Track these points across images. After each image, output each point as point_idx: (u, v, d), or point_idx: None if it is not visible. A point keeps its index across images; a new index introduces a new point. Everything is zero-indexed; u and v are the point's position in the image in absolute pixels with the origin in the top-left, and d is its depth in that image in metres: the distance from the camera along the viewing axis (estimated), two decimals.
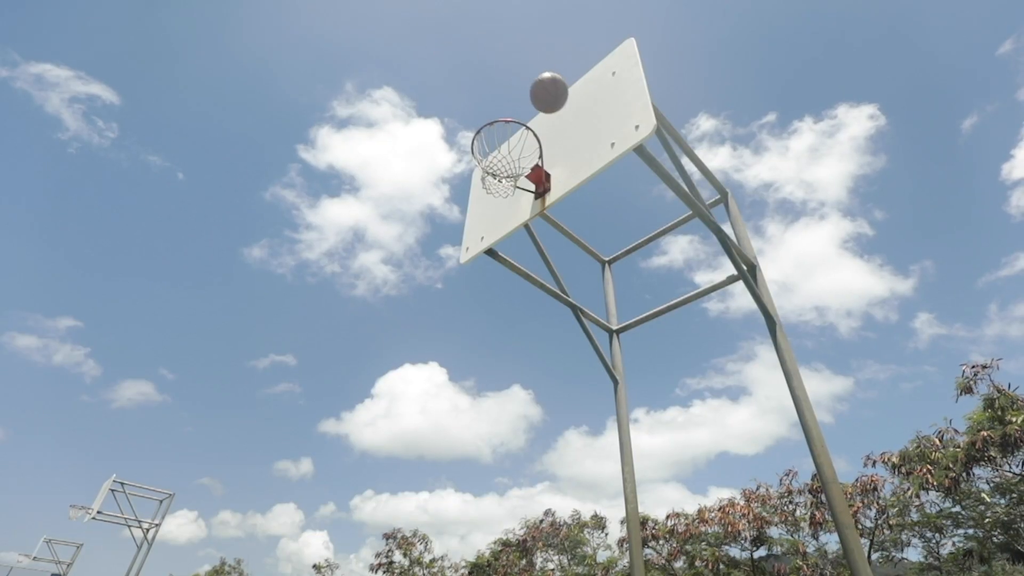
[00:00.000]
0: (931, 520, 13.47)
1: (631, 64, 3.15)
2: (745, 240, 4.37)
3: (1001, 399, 10.82)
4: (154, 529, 19.02)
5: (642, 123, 2.81)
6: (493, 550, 22.31)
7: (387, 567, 23.59)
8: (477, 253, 3.78)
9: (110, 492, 18.04)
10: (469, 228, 4.07)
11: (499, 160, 3.38)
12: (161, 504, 19.55)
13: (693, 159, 4.25)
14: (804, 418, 3.28)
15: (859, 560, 2.78)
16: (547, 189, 3.31)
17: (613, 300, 5.41)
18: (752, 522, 15.32)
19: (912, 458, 12.52)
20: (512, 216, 3.59)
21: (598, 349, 4.65)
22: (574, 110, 3.47)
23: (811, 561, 14.55)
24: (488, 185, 3.52)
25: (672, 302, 4.73)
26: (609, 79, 3.28)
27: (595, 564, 19.76)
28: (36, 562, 20.62)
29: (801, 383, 3.41)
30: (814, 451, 3.17)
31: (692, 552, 16.38)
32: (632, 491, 4.21)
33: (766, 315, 3.74)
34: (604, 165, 2.96)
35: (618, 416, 4.59)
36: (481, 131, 3.32)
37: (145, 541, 18.74)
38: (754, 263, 4.05)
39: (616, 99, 3.12)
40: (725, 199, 4.78)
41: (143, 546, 18.68)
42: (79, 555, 21.45)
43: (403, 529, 24.60)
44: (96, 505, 17.72)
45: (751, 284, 3.71)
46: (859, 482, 13.84)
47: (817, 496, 14.38)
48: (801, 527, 15.11)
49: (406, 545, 23.87)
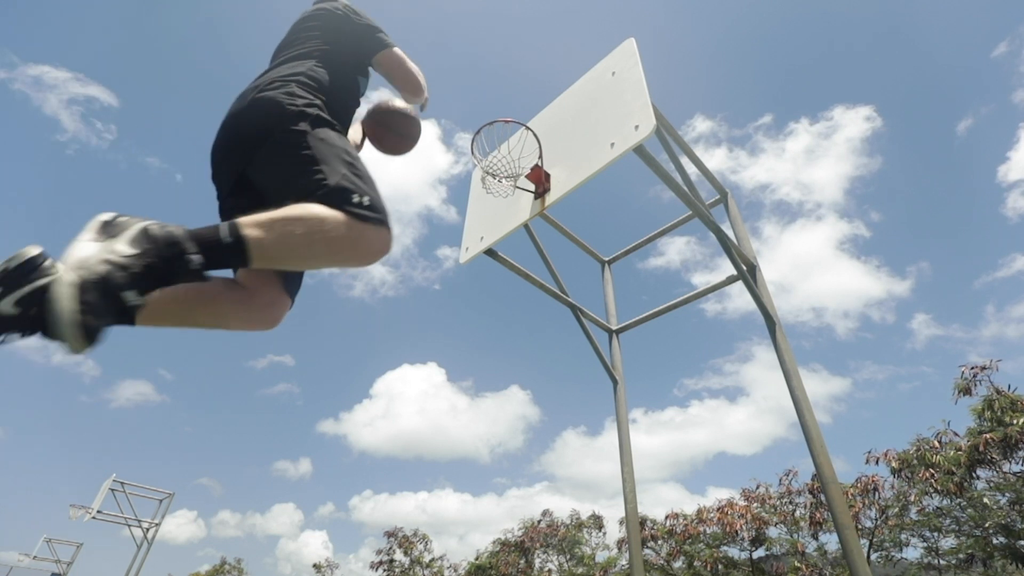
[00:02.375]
0: (931, 520, 13.46)
1: (631, 64, 3.15)
2: (745, 240, 4.37)
3: (1000, 400, 10.80)
4: (154, 529, 19.02)
5: (642, 123, 2.81)
6: (492, 551, 22.30)
7: (388, 565, 23.60)
8: (477, 253, 3.78)
9: (110, 492, 18.04)
10: (469, 228, 4.08)
11: (499, 160, 3.38)
12: (161, 504, 19.55)
13: (693, 159, 4.25)
14: (804, 418, 3.29)
15: (858, 560, 2.78)
16: (547, 189, 3.31)
17: (613, 300, 5.41)
18: (751, 522, 15.31)
19: (911, 461, 12.49)
20: (512, 216, 3.59)
21: (598, 349, 4.65)
22: (574, 110, 3.47)
23: (810, 561, 14.55)
24: (488, 185, 3.52)
25: (672, 302, 4.73)
26: (609, 79, 3.27)
27: (594, 564, 19.75)
28: (36, 561, 20.61)
29: (801, 383, 3.42)
30: (813, 451, 3.17)
31: (691, 552, 16.38)
32: (632, 491, 4.21)
33: (766, 315, 3.74)
34: (604, 165, 2.96)
35: (617, 416, 4.60)
36: (481, 131, 3.32)
37: (145, 541, 18.74)
38: (754, 263, 4.05)
39: (616, 99, 3.12)
40: (725, 199, 4.78)
41: (143, 546, 18.68)
42: (79, 554, 21.45)
43: (404, 528, 24.63)
44: (96, 505, 17.72)
45: (751, 284, 3.71)
46: (859, 482, 13.83)
47: (816, 496, 14.38)
48: (800, 527, 15.11)
49: (407, 544, 23.87)
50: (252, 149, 1.40)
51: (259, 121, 1.42)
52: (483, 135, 3.34)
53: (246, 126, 1.43)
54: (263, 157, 1.39)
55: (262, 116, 1.42)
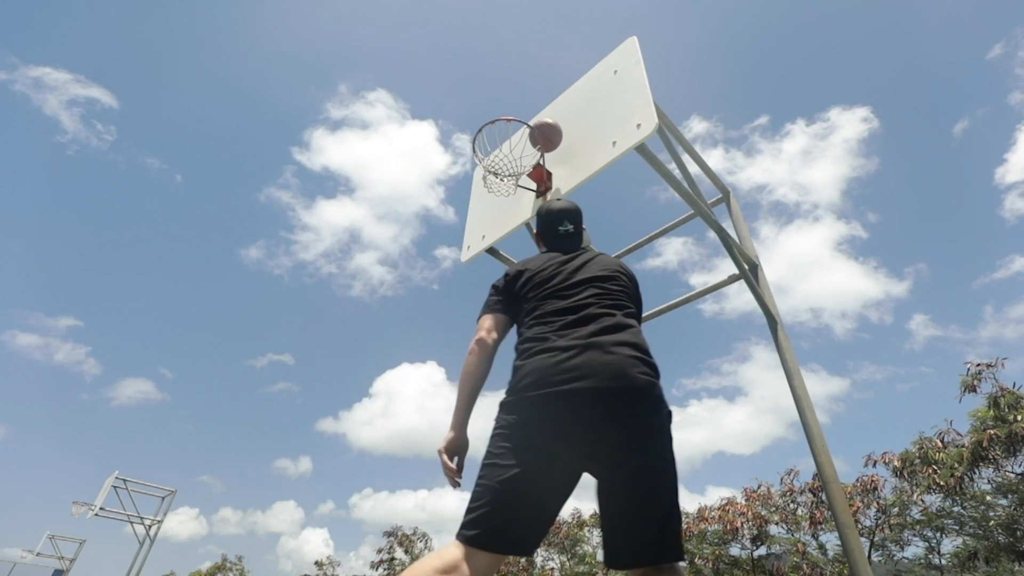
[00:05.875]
0: (932, 520, 13.43)
1: (633, 62, 3.14)
2: (747, 239, 4.36)
3: (1006, 397, 10.75)
4: (156, 526, 19.08)
5: (644, 122, 2.80)
6: None
7: (388, 564, 23.65)
8: (478, 252, 3.78)
9: (112, 489, 18.10)
10: (470, 227, 4.07)
11: (500, 159, 3.38)
12: (163, 501, 19.61)
13: (694, 157, 4.24)
14: (805, 417, 3.28)
15: (859, 559, 2.78)
16: (548, 188, 3.31)
17: None
18: (751, 520, 15.32)
19: (914, 460, 12.46)
20: (513, 215, 3.59)
21: None
22: (575, 108, 3.47)
23: (811, 559, 14.54)
24: (489, 184, 3.52)
25: (671, 302, 4.72)
26: (611, 77, 3.27)
27: (595, 563, 19.77)
28: (39, 558, 20.69)
29: (802, 382, 3.41)
30: (815, 450, 3.16)
31: (694, 551, 16.38)
32: None
33: (767, 314, 3.73)
34: (605, 164, 2.95)
35: None
36: (483, 129, 3.32)
37: (147, 538, 18.80)
38: (756, 262, 4.04)
39: (617, 98, 3.11)
40: (727, 198, 4.76)
41: (145, 543, 18.74)
42: (82, 551, 21.53)
43: (403, 527, 24.66)
44: (99, 502, 17.78)
45: (752, 284, 3.70)
46: (859, 482, 13.81)
47: (817, 495, 14.36)
48: (801, 526, 15.11)
49: (407, 543, 23.91)
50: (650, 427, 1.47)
51: (660, 404, 1.49)
52: (484, 134, 3.34)
53: (654, 400, 1.48)
54: (649, 440, 1.44)
55: (661, 401, 1.50)
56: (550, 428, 1.39)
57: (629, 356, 1.48)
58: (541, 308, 1.68)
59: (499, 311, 1.79)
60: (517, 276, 1.83)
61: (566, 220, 2.09)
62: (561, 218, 2.09)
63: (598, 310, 1.63)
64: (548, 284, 1.75)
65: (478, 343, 1.71)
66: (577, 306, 1.64)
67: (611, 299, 1.70)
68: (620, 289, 1.77)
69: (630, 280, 1.86)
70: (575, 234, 2.09)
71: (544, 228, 2.15)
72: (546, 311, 1.66)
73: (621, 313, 1.66)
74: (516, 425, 1.42)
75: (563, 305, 1.66)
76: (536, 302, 1.72)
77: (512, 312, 1.80)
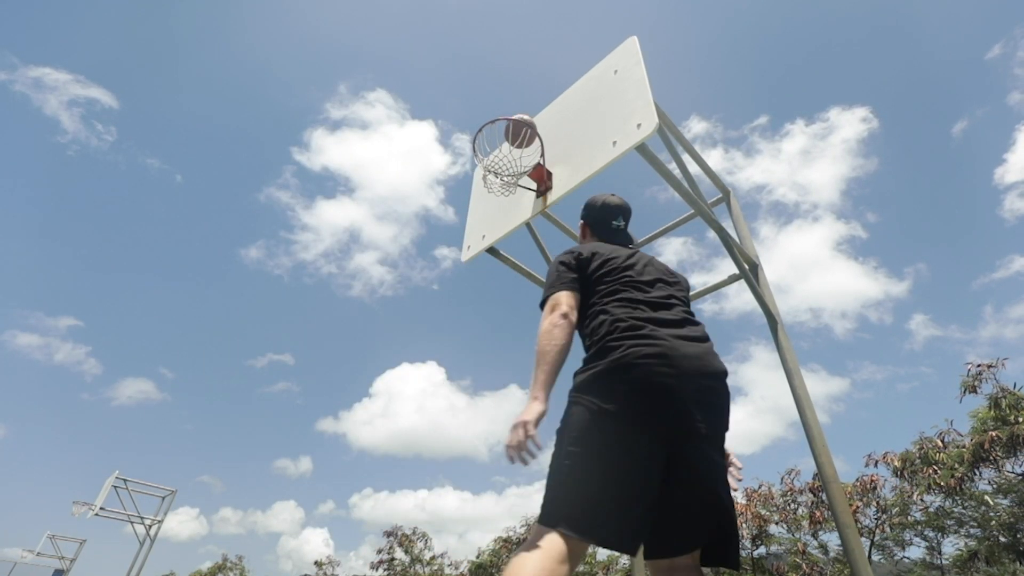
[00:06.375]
0: (933, 520, 13.42)
1: (633, 62, 3.13)
2: (747, 239, 4.36)
3: (1008, 398, 10.72)
4: (156, 526, 19.08)
5: (644, 121, 2.80)
6: (493, 549, 22.31)
7: (388, 564, 23.64)
8: (479, 251, 3.78)
9: (112, 489, 18.09)
10: (470, 226, 4.07)
11: (501, 158, 3.37)
12: (163, 501, 19.60)
13: (694, 157, 4.24)
14: (805, 417, 3.27)
15: (859, 559, 2.77)
16: (549, 187, 3.30)
17: None
18: (751, 520, 15.31)
19: (914, 460, 12.44)
20: (513, 215, 3.58)
21: None
22: (575, 108, 3.46)
23: (811, 559, 14.53)
24: (489, 183, 3.52)
25: None
26: (611, 77, 3.26)
27: (595, 563, 19.77)
28: (39, 558, 20.67)
29: (802, 382, 3.40)
30: (815, 450, 3.16)
31: None
32: None
33: (768, 314, 3.73)
34: (606, 163, 2.95)
35: None
36: (483, 129, 3.32)
37: (147, 537, 18.80)
38: (756, 262, 4.04)
39: (618, 97, 3.11)
40: (727, 198, 4.76)
41: (145, 542, 18.74)
42: (82, 551, 21.53)
43: (403, 527, 24.65)
44: (99, 501, 17.78)
45: (752, 283, 3.70)
46: (859, 482, 13.80)
47: (817, 495, 14.35)
48: (802, 525, 15.10)
49: (407, 543, 23.90)
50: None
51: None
52: (484, 134, 3.33)
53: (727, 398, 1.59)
54: (723, 439, 1.56)
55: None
56: (656, 418, 1.39)
57: (716, 355, 1.57)
58: (624, 294, 1.67)
59: (576, 289, 1.75)
60: (592, 257, 1.81)
61: (620, 216, 2.11)
62: (616, 213, 2.11)
63: (683, 309, 1.69)
64: (626, 272, 1.75)
65: (565, 317, 1.63)
66: (663, 301, 1.67)
67: (682, 302, 1.77)
68: (684, 295, 1.83)
69: (687, 288, 1.92)
70: (625, 231, 2.11)
71: (597, 220, 2.15)
72: (635, 298, 1.64)
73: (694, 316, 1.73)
74: (620, 413, 1.39)
75: (651, 297, 1.67)
76: (617, 286, 1.70)
77: (583, 292, 1.77)
